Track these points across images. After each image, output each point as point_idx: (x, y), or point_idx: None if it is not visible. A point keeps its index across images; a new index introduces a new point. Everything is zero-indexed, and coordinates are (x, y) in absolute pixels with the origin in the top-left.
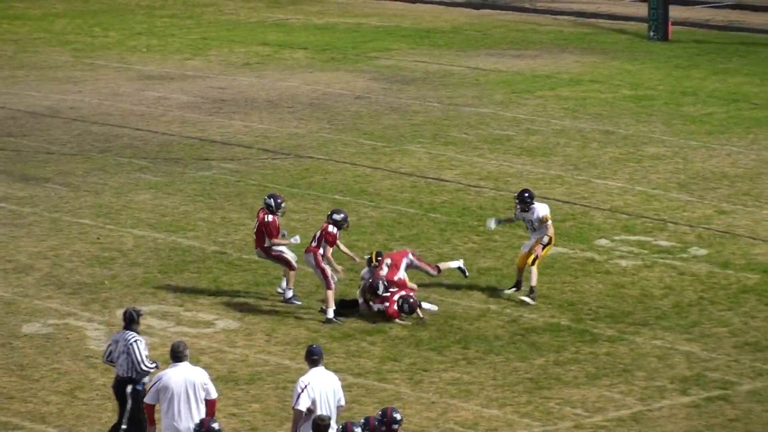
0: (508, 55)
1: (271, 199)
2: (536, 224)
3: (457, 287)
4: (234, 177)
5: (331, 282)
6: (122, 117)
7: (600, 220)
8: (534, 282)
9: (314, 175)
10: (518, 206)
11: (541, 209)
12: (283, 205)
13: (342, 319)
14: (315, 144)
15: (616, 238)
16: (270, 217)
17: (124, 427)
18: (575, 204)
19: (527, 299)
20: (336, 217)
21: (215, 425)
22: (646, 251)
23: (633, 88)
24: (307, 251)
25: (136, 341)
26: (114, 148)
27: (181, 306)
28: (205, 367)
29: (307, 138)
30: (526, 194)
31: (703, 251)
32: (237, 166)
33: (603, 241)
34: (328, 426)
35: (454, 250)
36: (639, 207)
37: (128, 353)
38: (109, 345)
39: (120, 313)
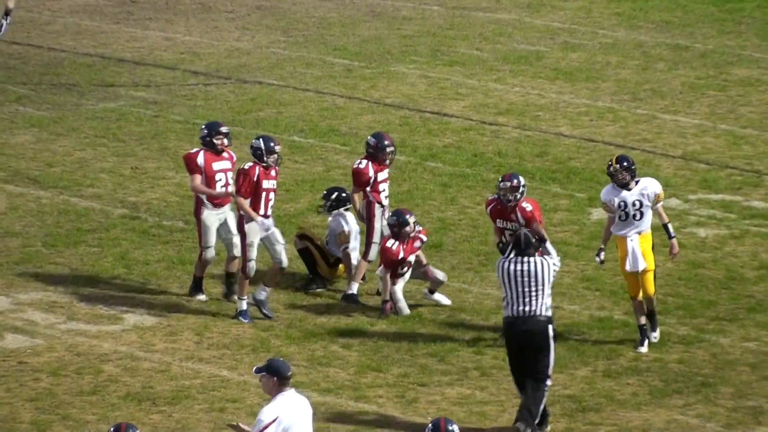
0: None
1: (261, 141)
2: (642, 208)
3: (467, 267)
4: (150, 111)
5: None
6: None
7: (668, 172)
8: (642, 320)
9: (264, 107)
10: (621, 177)
11: (652, 184)
12: (276, 149)
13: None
14: (265, 64)
15: (692, 197)
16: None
17: None
18: (633, 149)
19: (651, 336)
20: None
21: None
22: (733, 216)
23: None
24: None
25: None
26: None
27: (74, 293)
28: (112, 381)
29: (253, 55)
30: (627, 162)
31: None
32: (154, 96)
33: (673, 202)
34: None
35: (462, 214)
36: (723, 153)
37: None
38: None
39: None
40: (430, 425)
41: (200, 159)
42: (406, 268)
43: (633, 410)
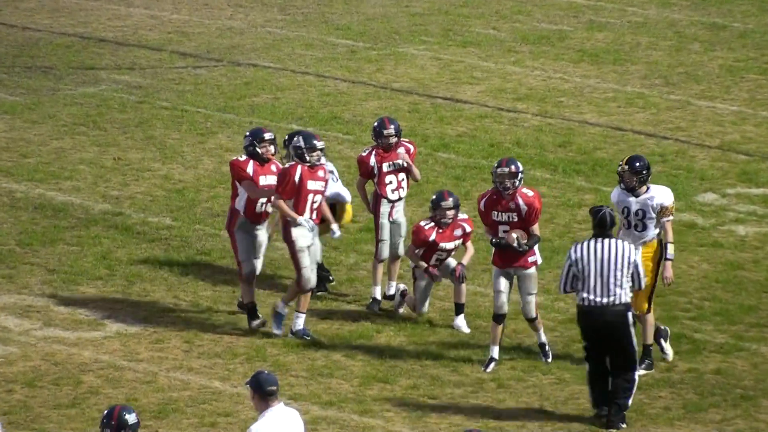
0: None
1: (300, 139)
2: (645, 219)
3: (483, 268)
4: (134, 96)
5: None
6: None
7: (704, 164)
8: (650, 339)
9: (259, 92)
10: (627, 180)
11: (662, 194)
12: (319, 145)
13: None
14: (260, 45)
15: (730, 191)
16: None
17: None
18: (665, 138)
19: (642, 370)
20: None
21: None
22: None
23: None
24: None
25: None
26: None
27: (52, 297)
28: (93, 392)
29: (247, 35)
30: (640, 163)
31: None
32: (138, 80)
33: (710, 196)
34: None
35: (477, 210)
36: (765, 143)
37: None
38: None
39: None
40: None
41: (250, 168)
42: (444, 255)
43: (665, 426)
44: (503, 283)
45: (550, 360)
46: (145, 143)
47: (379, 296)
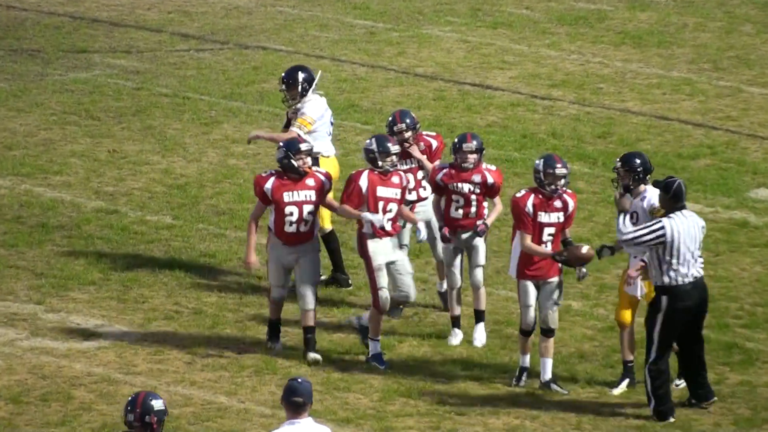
0: None
1: (373, 141)
2: (640, 222)
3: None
4: (131, 82)
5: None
6: None
7: (757, 156)
8: (631, 355)
9: (269, 78)
10: (621, 179)
11: (656, 193)
12: (393, 149)
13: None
14: (270, 25)
15: None
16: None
17: None
18: (714, 128)
19: (615, 390)
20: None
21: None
22: None
23: None
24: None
25: None
26: None
27: (39, 304)
28: (85, 409)
29: (256, 15)
30: (638, 160)
31: None
32: (136, 64)
33: (763, 192)
34: None
35: (508, 208)
36: None
37: None
38: None
39: None
40: None
41: (269, 185)
42: (461, 201)
43: None
44: (532, 296)
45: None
46: (142, 134)
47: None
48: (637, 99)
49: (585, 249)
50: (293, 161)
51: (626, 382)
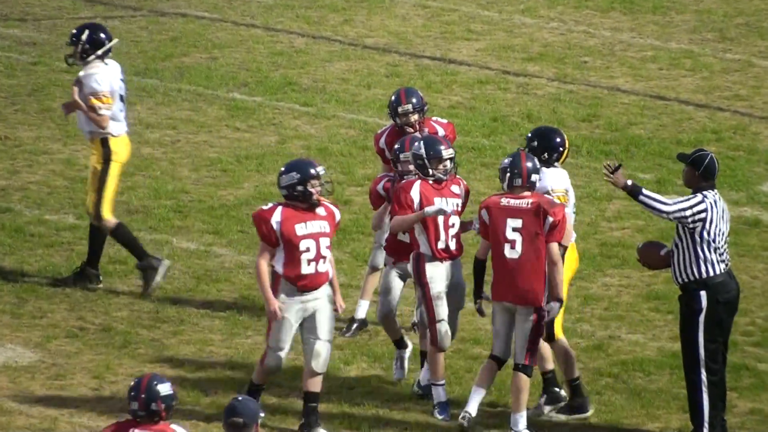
0: None
1: (422, 145)
2: None
3: (488, 278)
4: (26, 56)
5: None
6: None
7: None
8: (548, 364)
9: (190, 51)
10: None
11: (552, 176)
12: (446, 154)
13: None
14: None
15: None
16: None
17: None
18: (721, 110)
19: (556, 414)
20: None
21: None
22: None
23: None
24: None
25: None
26: None
27: None
28: None
29: None
30: (558, 138)
31: None
32: (32, 34)
33: None
34: None
35: (476, 203)
36: None
37: None
38: None
39: None
40: None
41: (275, 219)
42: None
43: None
44: (500, 320)
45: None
46: (40, 118)
47: (362, 315)
48: (628, 75)
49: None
50: (309, 188)
51: (544, 398)
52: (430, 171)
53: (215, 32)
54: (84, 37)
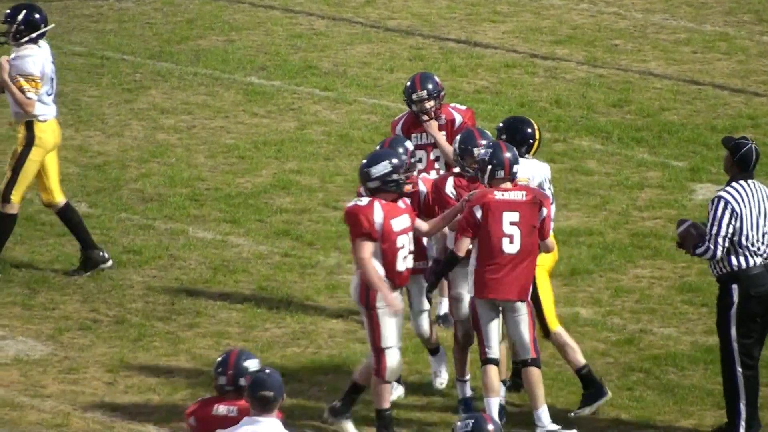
0: None
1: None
2: None
3: None
4: None
5: None
6: None
7: None
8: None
9: (206, 34)
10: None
11: (528, 166)
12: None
13: None
14: None
15: None
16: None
17: None
18: (758, 95)
19: (579, 411)
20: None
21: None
22: None
23: None
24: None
25: None
26: None
27: None
28: None
29: None
30: (528, 129)
31: None
32: None
33: None
34: None
35: None
36: None
37: None
38: None
39: None
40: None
41: (378, 214)
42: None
43: None
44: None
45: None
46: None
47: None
48: (660, 59)
49: None
50: (402, 177)
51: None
52: (465, 166)
53: (232, 14)
54: (20, 17)
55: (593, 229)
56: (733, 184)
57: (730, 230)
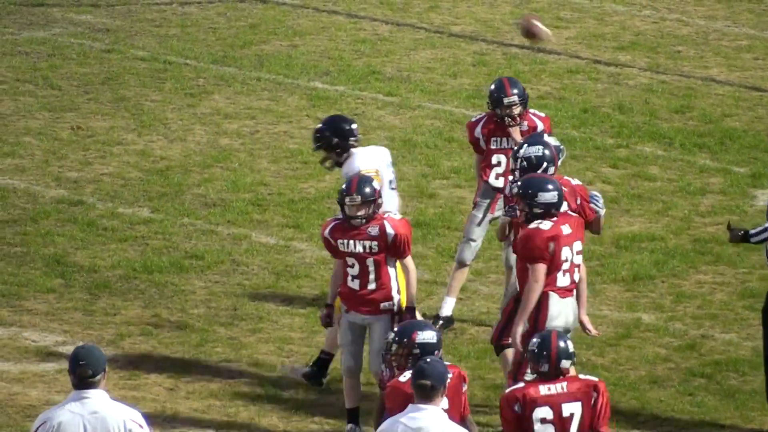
0: None
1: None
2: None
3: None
4: (100, 43)
5: None
6: None
7: None
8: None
9: (269, 39)
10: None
11: (362, 157)
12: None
13: None
14: None
15: None
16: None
17: None
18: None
19: None
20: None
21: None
22: None
23: None
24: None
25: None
26: None
27: None
28: None
29: None
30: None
31: None
32: (106, 21)
33: None
34: None
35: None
36: None
37: None
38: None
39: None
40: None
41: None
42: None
43: None
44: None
45: None
46: (114, 107)
47: (448, 313)
48: (723, 65)
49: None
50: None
51: None
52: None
53: (296, 19)
54: None
55: (655, 235)
56: None
57: None
